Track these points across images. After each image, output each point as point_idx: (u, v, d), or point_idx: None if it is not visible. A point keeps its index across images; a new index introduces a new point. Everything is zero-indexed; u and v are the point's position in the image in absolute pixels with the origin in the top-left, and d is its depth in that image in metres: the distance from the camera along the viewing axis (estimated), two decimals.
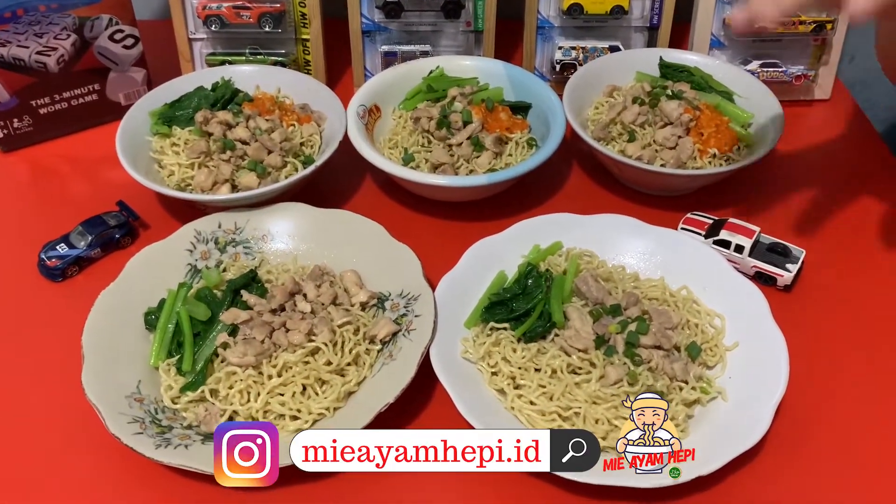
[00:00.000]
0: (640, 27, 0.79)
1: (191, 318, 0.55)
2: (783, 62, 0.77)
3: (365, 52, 0.79)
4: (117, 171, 0.67)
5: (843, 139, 0.78)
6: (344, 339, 0.55)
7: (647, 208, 0.68)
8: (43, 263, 0.63)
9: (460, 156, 0.67)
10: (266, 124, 0.68)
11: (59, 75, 0.74)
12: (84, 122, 0.77)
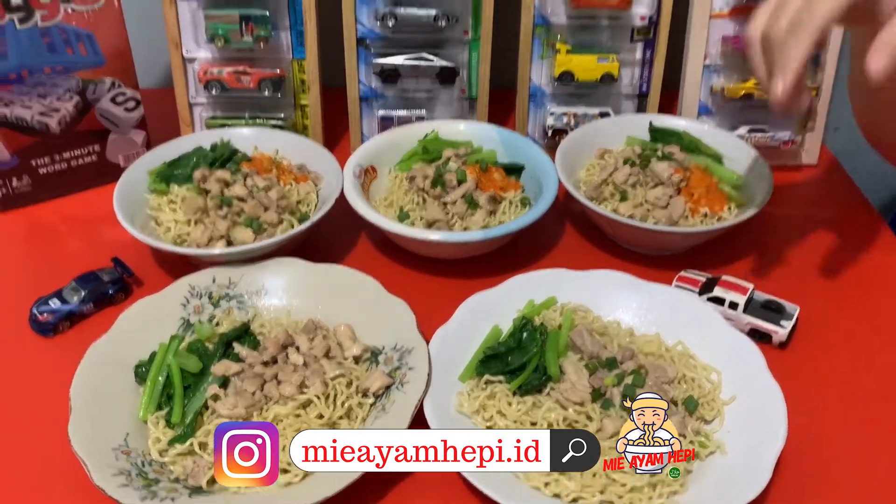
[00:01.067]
0: (630, 94, 0.81)
1: (181, 371, 0.55)
2: (770, 128, 0.79)
3: (362, 117, 0.81)
4: (114, 230, 0.68)
5: (832, 202, 0.79)
6: (336, 392, 0.54)
7: (641, 267, 0.68)
8: (35, 318, 0.63)
9: (455, 213, 0.68)
10: (263, 182, 0.69)
11: (60, 136, 0.75)
12: (83, 183, 0.78)
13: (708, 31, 0.76)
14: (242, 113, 0.81)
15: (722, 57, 0.77)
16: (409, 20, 0.76)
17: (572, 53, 0.77)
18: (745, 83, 0.77)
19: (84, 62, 0.73)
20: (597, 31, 0.78)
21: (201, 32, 0.78)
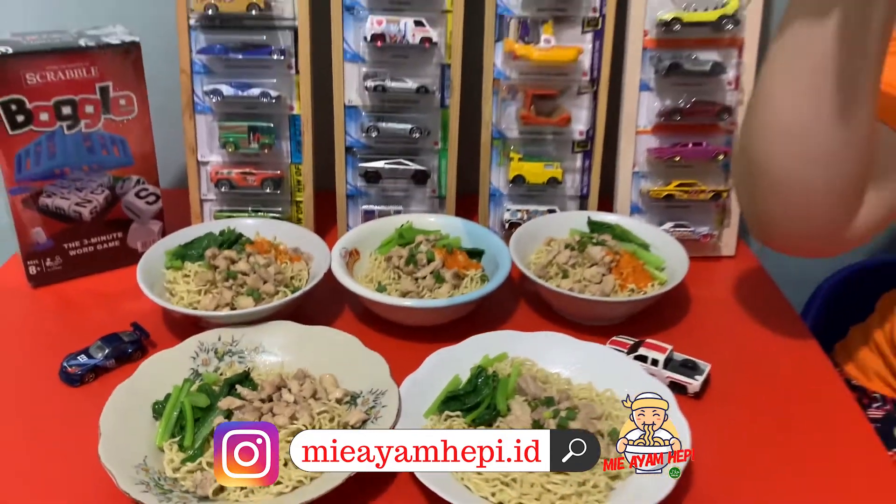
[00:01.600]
0: (573, 195, 0.96)
1: (192, 406, 0.66)
2: (692, 224, 0.94)
3: (348, 211, 0.96)
4: (132, 303, 0.80)
5: (744, 284, 0.93)
6: (321, 424, 0.65)
7: (580, 333, 0.80)
8: (64, 370, 0.74)
9: (424, 286, 0.81)
10: (263, 261, 0.82)
11: (90, 224, 0.88)
12: (106, 265, 0.91)
13: (635, 144, 0.92)
14: (247, 207, 0.95)
15: (647, 165, 0.93)
16: (389, 132, 0.92)
17: (523, 161, 0.93)
18: (667, 186, 0.92)
19: (116, 162, 0.88)
20: (543, 143, 0.94)
21: (215, 140, 0.93)
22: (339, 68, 0.90)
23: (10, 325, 0.84)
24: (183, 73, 0.91)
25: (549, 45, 0.89)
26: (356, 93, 0.92)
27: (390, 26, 0.88)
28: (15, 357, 0.79)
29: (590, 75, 0.91)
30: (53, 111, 0.82)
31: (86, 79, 0.82)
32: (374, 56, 0.90)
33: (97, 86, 0.83)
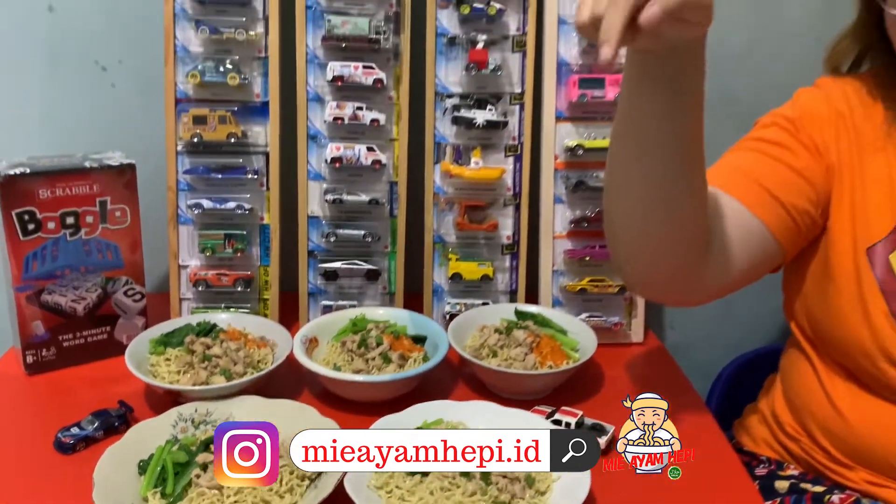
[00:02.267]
0: (504, 290, 1.12)
1: (173, 462, 0.77)
2: (604, 314, 1.10)
3: (309, 306, 1.10)
4: (118, 386, 0.93)
5: (650, 367, 1.08)
6: (282, 475, 0.77)
7: (507, 404, 0.94)
8: (59, 440, 0.85)
9: (374, 365, 0.94)
10: (234, 346, 0.95)
11: (83, 318, 1.01)
12: (94, 356, 1.03)
13: (553, 247, 1.10)
14: (220, 304, 1.09)
15: (564, 264, 1.10)
16: (346, 238, 1.09)
17: (460, 261, 1.10)
18: (581, 282, 1.09)
19: (109, 265, 1.02)
20: (477, 246, 1.11)
21: (194, 246, 1.08)
22: (303, 185, 1.08)
23: (8, 406, 0.95)
24: (170, 190, 1.07)
25: (478, 166, 1.08)
26: (318, 205, 1.09)
27: (347, 151, 1.06)
28: (13, 431, 0.90)
29: (513, 190, 1.10)
30: (59, 221, 0.97)
31: (88, 194, 0.98)
32: (333, 175, 1.08)
33: (97, 200, 0.99)
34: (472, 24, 1.06)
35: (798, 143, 0.86)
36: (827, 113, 0.87)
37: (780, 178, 0.85)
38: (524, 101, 1.08)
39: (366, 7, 1.04)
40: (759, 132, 0.89)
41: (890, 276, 0.82)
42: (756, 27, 1.18)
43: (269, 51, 1.05)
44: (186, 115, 1.05)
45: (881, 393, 0.85)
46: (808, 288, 0.90)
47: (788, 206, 0.84)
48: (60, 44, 1.15)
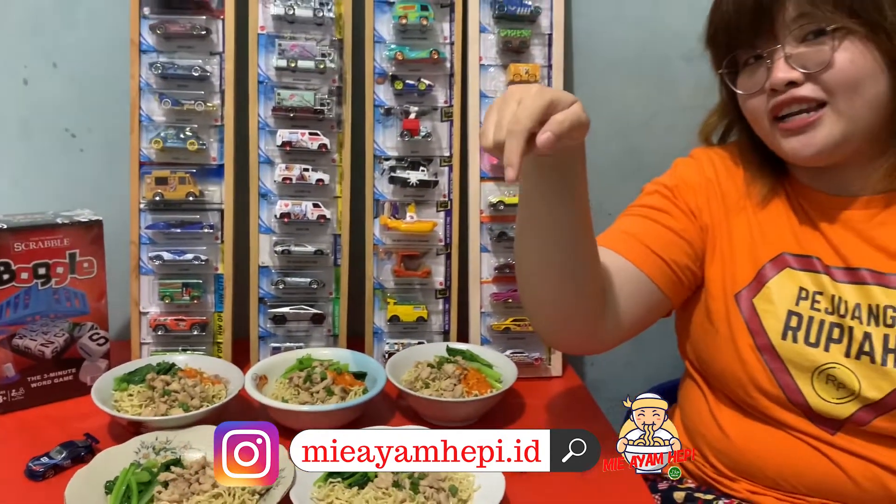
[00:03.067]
0: (438, 331, 1.25)
1: (136, 482, 0.87)
2: (526, 350, 1.23)
3: (260, 348, 1.21)
4: (83, 422, 1.02)
5: (568, 398, 1.21)
6: (236, 491, 0.87)
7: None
8: (30, 469, 0.93)
9: (318, 398, 1.05)
10: (191, 382, 1.05)
11: (50, 361, 1.11)
12: (60, 396, 1.11)
13: (480, 291, 1.23)
14: (178, 347, 1.19)
15: (490, 306, 1.24)
16: (293, 285, 1.21)
17: (398, 305, 1.22)
18: (505, 321, 1.23)
19: (76, 311, 1.12)
20: (412, 291, 1.24)
21: (154, 295, 1.19)
22: (255, 238, 1.20)
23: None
24: (133, 243, 1.18)
25: (412, 220, 1.22)
26: (268, 256, 1.21)
27: (294, 207, 1.19)
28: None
29: (444, 241, 1.24)
30: (32, 271, 1.07)
31: (59, 247, 1.09)
32: (282, 229, 1.21)
33: (67, 252, 1.09)
34: (405, 98, 1.21)
35: (676, 207, 1.01)
36: (698, 180, 1.03)
37: (663, 239, 0.99)
38: (452, 163, 1.23)
39: (311, 82, 1.19)
40: (644, 199, 1.04)
41: (754, 316, 0.96)
42: (657, 100, 1.36)
43: (225, 120, 1.18)
44: (150, 177, 1.17)
45: (756, 416, 0.98)
46: (694, 330, 1.04)
47: (670, 262, 0.98)
48: (34, 113, 1.27)
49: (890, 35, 0.85)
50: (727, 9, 0.92)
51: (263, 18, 1.18)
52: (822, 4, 0.85)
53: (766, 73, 0.90)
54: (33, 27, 1.25)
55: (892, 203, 0.93)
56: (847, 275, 0.92)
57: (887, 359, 0.88)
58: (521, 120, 0.73)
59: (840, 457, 0.91)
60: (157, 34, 1.16)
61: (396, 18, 1.19)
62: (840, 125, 0.87)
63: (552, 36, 1.22)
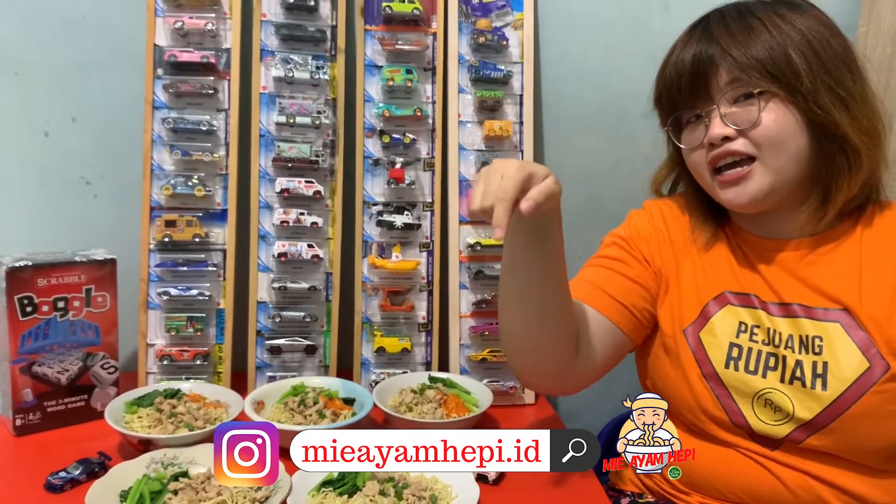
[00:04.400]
0: (421, 361, 1.36)
1: (149, 491, 0.97)
2: (502, 380, 1.35)
3: (257, 378, 1.32)
4: (96, 443, 1.11)
5: (540, 425, 1.32)
6: (237, 501, 0.97)
7: None
8: (49, 482, 1.03)
9: (311, 420, 1.16)
10: (195, 406, 1.16)
11: (65, 387, 1.21)
12: (73, 420, 1.21)
13: (459, 324, 1.35)
14: (181, 376, 1.30)
15: (469, 339, 1.35)
16: (288, 318, 1.32)
17: (384, 337, 1.34)
18: (482, 353, 1.34)
19: (90, 342, 1.23)
20: (397, 324, 1.36)
21: (161, 328, 1.30)
22: (254, 276, 1.32)
23: (2, 459, 1.12)
24: (142, 280, 1.30)
25: (398, 259, 1.34)
26: (265, 292, 1.33)
27: (291, 248, 1.31)
28: (7, 478, 1.07)
29: (426, 279, 1.36)
30: (52, 304, 1.18)
31: (76, 283, 1.20)
32: (279, 267, 1.33)
33: (84, 288, 1.20)
34: (391, 150, 1.35)
35: (631, 256, 1.14)
36: (649, 230, 1.15)
37: (621, 287, 1.11)
38: (434, 208, 1.36)
39: (308, 136, 1.32)
40: (603, 251, 1.17)
41: (700, 348, 1.07)
42: (617, 152, 1.51)
43: (229, 169, 1.31)
44: (160, 220, 1.29)
45: (705, 437, 1.08)
46: (651, 363, 1.15)
47: (629, 306, 1.10)
48: (53, 163, 1.40)
49: (806, 98, 0.97)
50: (670, 74, 1.05)
51: (265, 79, 1.32)
52: (750, 71, 0.98)
53: (704, 129, 1.02)
54: (56, 85, 1.38)
55: (818, 245, 1.05)
56: (781, 309, 1.04)
57: (815, 383, 0.99)
58: (507, 190, 0.85)
59: (780, 470, 1.02)
60: (170, 92, 1.30)
61: (384, 80, 1.34)
62: (769, 177, 1.00)
63: (523, 96, 1.37)
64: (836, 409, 0.97)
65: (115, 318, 1.24)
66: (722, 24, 1.01)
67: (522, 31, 1.38)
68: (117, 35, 1.36)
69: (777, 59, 0.97)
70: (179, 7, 1.30)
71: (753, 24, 1.00)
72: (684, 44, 1.04)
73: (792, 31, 0.98)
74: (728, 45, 0.99)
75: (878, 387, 0.96)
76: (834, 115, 0.97)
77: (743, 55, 0.98)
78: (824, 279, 1.03)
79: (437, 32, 1.36)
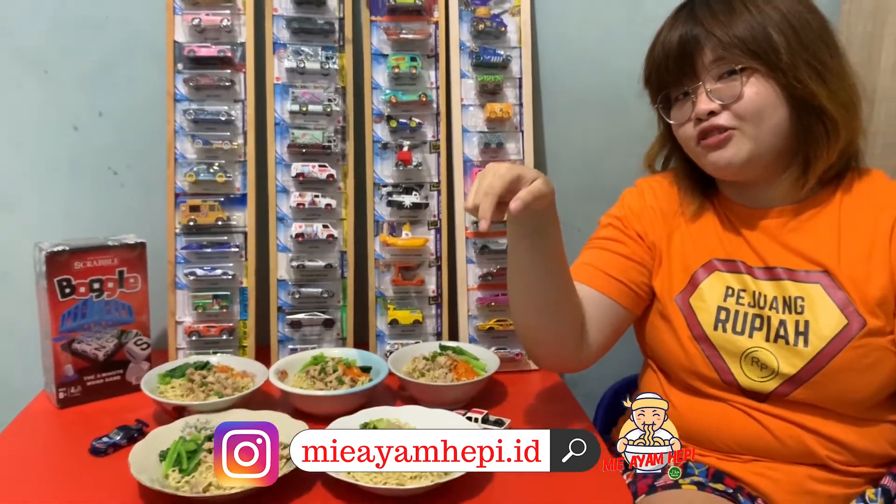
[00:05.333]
0: (432, 332, 1.45)
1: (185, 450, 1.06)
2: (509, 347, 1.43)
3: (280, 351, 1.41)
4: (133, 413, 1.21)
5: (544, 388, 1.39)
6: None
7: None
8: (93, 447, 1.12)
9: (331, 387, 1.24)
10: (224, 375, 1.25)
11: (102, 362, 1.30)
12: (110, 393, 1.30)
13: (467, 296, 1.44)
14: (209, 350, 1.39)
15: (476, 310, 1.44)
16: (307, 294, 1.41)
17: (397, 310, 1.42)
18: (489, 322, 1.43)
19: (123, 320, 1.32)
20: (409, 298, 1.44)
21: (188, 306, 1.39)
22: (274, 256, 1.41)
23: (47, 429, 1.22)
24: (170, 263, 1.39)
25: (408, 237, 1.43)
26: (285, 271, 1.41)
27: (307, 228, 1.40)
28: (55, 445, 1.17)
29: (435, 254, 1.44)
30: (88, 286, 1.27)
31: (110, 265, 1.29)
32: (297, 247, 1.41)
33: (117, 270, 1.30)
34: (399, 133, 1.43)
35: (626, 235, 1.21)
36: (641, 207, 1.22)
37: (619, 265, 1.18)
38: (440, 188, 1.44)
39: (320, 123, 1.41)
40: (600, 232, 1.23)
41: (691, 313, 1.14)
42: (614, 130, 1.58)
43: (247, 156, 1.40)
44: (184, 205, 1.38)
45: (699, 393, 1.15)
46: (648, 330, 1.22)
47: (628, 282, 1.18)
48: (82, 155, 1.49)
49: (786, 73, 1.04)
50: (658, 55, 1.12)
51: (278, 71, 1.40)
52: (733, 49, 1.05)
53: (691, 105, 1.09)
54: (83, 82, 1.47)
55: (800, 212, 1.12)
56: (765, 273, 1.12)
57: (798, 340, 1.06)
58: (494, 187, 0.95)
59: (769, 421, 1.09)
60: (190, 86, 1.38)
61: (390, 68, 1.42)
62: (747, 144, 1.07)
63: (521, 79, 1.45)
64: (817, 363, 1.05)
65: (146, 298, 1.33)
66: (706, 6, 1.08)
67: (520, 17, 1.45)
68: (139, 34, 1.44)
69: (758, 38, 1.04)
70: (196, 5, 1.39)
71: (735, 5, 1.06)
72: (671, 26, 1.11)
73: (772, 10, 1.05)
74: (711, 25, 1.06)
75: (855, 342, 1.04)
76: (812, 87, 1.04)
77: (725, 34, 1.05)
78: (806, 243, 1.10)
79: (438, 21, 1.44)
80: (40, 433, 1.21)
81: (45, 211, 1.50)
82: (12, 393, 1.34)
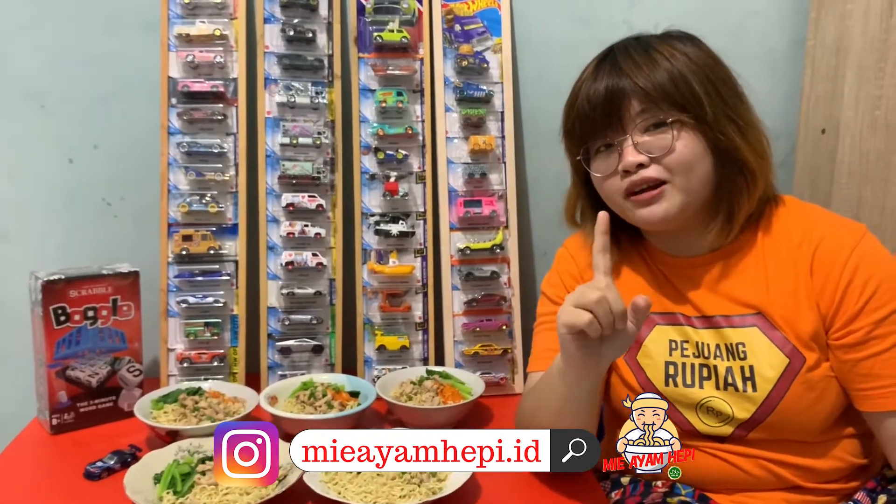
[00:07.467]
0: (419, 358, 1.49)
1: (179, 473, 1.09)
2: (493, 371, 1.47)
3: (269, 377, 1.44)
4: (126, 438, 1.23)
5: None
6: None
7: None
8: (88, 471, 1.15)
9: (321, 411, 1.28)
10: (216, 401, 1.28)
11: (95, 389, 1.33)
12: (102, 419, 1.33)
13: (453, 322, 1.48)
14: (200, 376, 1.42)
15: (462, 335, 1.48)
16: (297, 321, 1.45)
17: (384, 336, 1.46)
18: (475, 347, 1.47)
19: (116, 348, 1.35)
20: (396, 324, 1.48)
21: (180, 333, 1.43)
22: (264, 284, 1.45)
23: (41, 455, 1.24)
24: (162, 291, 1.42)
25: (395, 264, 1.47)
26: (275, 298, 1.45)
27: (297, 257, 1.44)
28: (49, 470, 1.19)
29: (421, 281, 1.49)
30: (83, 314, 1.30)
31: (104, 294, 1.32)
32: (287, 275, 1.45)
33: (111, 298, 1.33)
34: (386, 165, 1.49)
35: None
36: (573, 268, 1.21)
37: None
38: (426, 217, 1.49)
39: (309, 155, 1.46)
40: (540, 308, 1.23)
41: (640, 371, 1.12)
42: None
43: (239, 187, 1.44)
44: (177, 235, 1.42)
45: None
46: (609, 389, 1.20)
47: None
48: (77, 186, 1.53)
49: (712, 126, 1.03)
50: (582, 107, 1.08)
51: (269, 105, 1.45)
52: (660, 102, 1.02)
53: (617, 157, 1.05)
54: (78, 116, 1.51)
55: (727, 257, 1.11)
56: (704, 322, 1.12)
57: (746, 386, 1.07)
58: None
59: (733, 458, 1.11)
60: (183, 119, 1.43)
61: (377, 102, 1.47)
62: (679, 196, 1.04)
63: (504, 113, 1.51)
64: (768, 405, 1.07)
65: (140, 326, 1.37)
66: (628, 57, 1.06)
67: (501, 54, 1.51)
68: (134, 69, 1.49)
69: (681, 88, 1.04)
70: (190, 42, 1.44)
71: (654, 55, 1.06)
72: (593, 77, 1.08)
73: (686, 60, 1.06)
74: (636, 76, 1.04)
75: (799, 378, 1.06)
76: (735, 141, 1.05)
77: (650, 85, 1.03)
78: (737, 288, 1.11)
79: (423, 58, 1.50)
80: (34, 459, 1.23)
81: (41, 241, 1.54)
82: (5, 420, 1.36)
